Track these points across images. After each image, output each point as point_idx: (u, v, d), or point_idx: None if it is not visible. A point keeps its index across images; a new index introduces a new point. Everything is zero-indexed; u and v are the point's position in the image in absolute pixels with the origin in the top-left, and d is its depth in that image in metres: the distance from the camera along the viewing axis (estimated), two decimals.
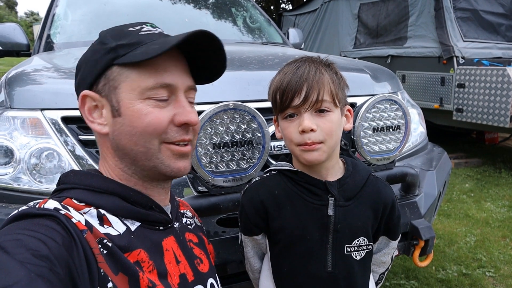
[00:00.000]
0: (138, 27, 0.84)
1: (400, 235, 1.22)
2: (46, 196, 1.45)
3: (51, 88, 1.56)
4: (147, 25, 0.85)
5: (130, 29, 0.83)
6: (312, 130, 0.99)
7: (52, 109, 1.46)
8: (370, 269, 1.19)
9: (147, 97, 0.78)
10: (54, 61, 2.09)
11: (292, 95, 0.99)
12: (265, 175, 1.17)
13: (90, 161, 1.45)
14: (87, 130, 1.47)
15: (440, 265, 2.91)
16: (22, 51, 2.97)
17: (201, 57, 0.87)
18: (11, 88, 1.56)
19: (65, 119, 1.46)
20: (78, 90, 0.85)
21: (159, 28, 0.87)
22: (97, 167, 1.42)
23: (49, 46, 2.64)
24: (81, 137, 1.46)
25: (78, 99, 0.83)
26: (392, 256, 1.27)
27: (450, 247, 3.20)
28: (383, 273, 1.30)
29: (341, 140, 1.42)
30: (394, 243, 1.22)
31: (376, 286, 1.30)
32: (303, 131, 0.99)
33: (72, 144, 1.46)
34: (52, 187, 1.45)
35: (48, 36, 2.76)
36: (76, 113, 1.46)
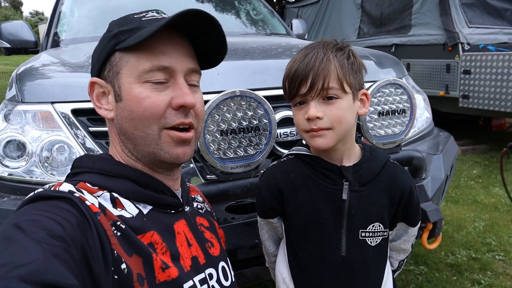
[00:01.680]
0: (143, 14, 0.85)
1: (419, 222, 1.20)
2: None
3: (61, 81, 1.59)
4: (152, 12, 0.87)
5: (135, 16, 0.85)
6: (318, 117, 0.99)
7: (63, 102, 1.49)
8: (387, 256, 1.18)
9: (145, 80, 0.79)
10: (61, 56, 2.12)
11: (299, 83, 1.00)
12: (282, 159, 1.18)
13: (100, 152, 1.48)
14: (97, 122, 1.50)
15: (449, 250, 2.92)
16: (30, 48, 3.01)
17: (204, 41, 0.87)
18: (22, 83, 1.59)
19: (75, 112, 1.49)
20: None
21: (164, 14, 0.88)
22: None
23: (56, 43, 2.68)
24: (91, 129, 1.49)
25: None
26: (412, 243, 1.25)
27: (459, 233, 3.21)
28: (403, 260, 1.28)
29: None
30: (414, 230, 1.20)
31: (395, 273, 1.29)
32: (309, 119, 1.00)
33: (83, 136, 1.49)
34: (64, 179, 1.49)
35: (55, 33, 2.79)
36: (86, 105, 1.49)
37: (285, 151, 1.58)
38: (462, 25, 5.22)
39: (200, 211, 1.02)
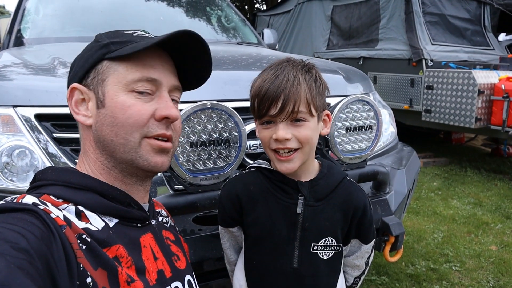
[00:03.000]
0: (133, 31, 0.89)
1: (373, 240, 1.24)
2: (18, 194, 1.43)
3: (24, 84, 1.53)
4: (140, 31, 0.90)
5: (125, 32, 0.88)
6: (286, 139, 1.02)
7: (25, 106, 1.44)
8: (339, 270, 1.23)
9: (132, 89, 0.82)
10: (25, 57, 2.05)
11: (269, 104, 1.01)
12: (244, 171, 1.22)
13: (64, 159, 1.44)
14: (62, 127, 1.45)
15: (409, 261, 3.00)
16: None
17: (189, 63, 0.93)
18: None
19: (39, 116, 1.44)
20: (69, 84, 0.88)
21: (151, 34, 0.91)
22: (71, 165, 1.42)
23: (19, 42, 2.58)
24: (55, 135, 1.44)
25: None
26: (368, 261, 1.29)
27: (419, 243, 3.31)
28: (358, 277, 1.32)
29: None
30: (367, 247, 1.24)
31: None
32: (276, 139, 1.02)
33: (46, 142, 1.44)
34: (24, 185, 1.42)
35: (18, 31, 2.69)
36: (51, 110, 1.44)
37: None
38: (426, 42, 5.43)
39: (166, 225, 1.02)
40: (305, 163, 1.11)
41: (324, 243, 1.13)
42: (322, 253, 1.13)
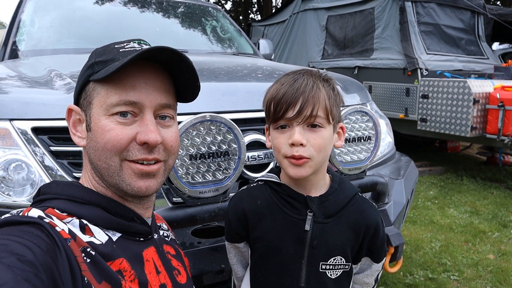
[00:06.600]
0: (124, 44, 0.85)
1: (384, 258, 1.20)
2: (14, 209, 1.41)
3: (20, 97, 1.52)
4: (134, 42, 0.86)
5: (116, 46, 0.85)
6: (301, 144, 0.98)
7: (22, 119, 1.42)
8: None
9: (112, 113, 0.80)
10: (21, 70, 2.04)
11: (286, 107, 0.99)
12: (252, 185, 1.18)
13: (61, 172, 1.42)
14: (59, 141, 1.44)
15: (407, 271, 2.99)
16: None
17: (180, 76, 0.88)
18: None
19: (36, 130, 1.43)
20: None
21: (145, 45, 0.87)
22: (68, 179, 1.40)
23: (14, 54, 2.57)
24: (53, 148, 1.43)
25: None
26: (377, 278, 1.25)
27: (417, 253, 3.30)
28: None
29: None
30: (377, 266, 1.19)
31: None
32: (292, 144, 0.99)
33: (42, 155, 1.42)
34: (21, 199, 1.41)
35: (14, 43, 2.68)
36: (48, 123, 1.43)
37: (253, 175, 1.58)
38: (421, 51, 5.48)
39: (166, 239, 1.02)
40: (316, 177, 1.08)
41: (333, 262, 1.08)
42: (330, 272, 1.09)
